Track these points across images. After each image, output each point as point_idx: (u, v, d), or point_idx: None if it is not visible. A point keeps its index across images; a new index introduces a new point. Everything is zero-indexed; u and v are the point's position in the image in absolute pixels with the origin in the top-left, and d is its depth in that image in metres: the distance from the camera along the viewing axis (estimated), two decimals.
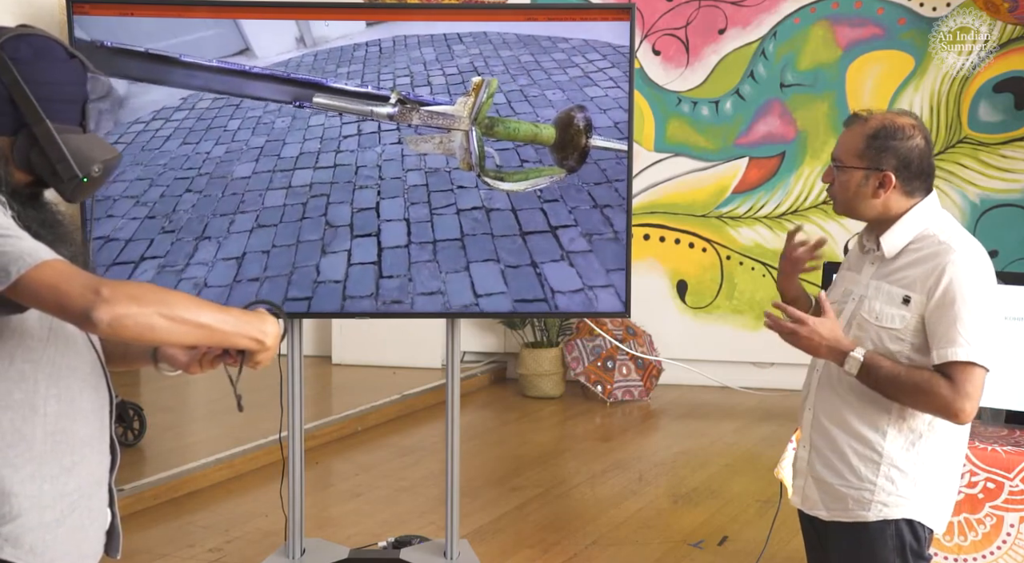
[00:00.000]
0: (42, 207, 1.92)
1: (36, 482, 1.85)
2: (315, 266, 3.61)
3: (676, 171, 7.64)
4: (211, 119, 3.56)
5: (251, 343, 1.83)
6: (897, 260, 2.56)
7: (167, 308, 1.72)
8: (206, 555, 4.53)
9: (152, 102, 3.53)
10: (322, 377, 7.79)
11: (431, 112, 3.52)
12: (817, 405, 2.64)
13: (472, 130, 3.49)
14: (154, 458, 5.69)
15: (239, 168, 3.57)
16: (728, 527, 4.85)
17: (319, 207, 3.62)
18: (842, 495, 2.58)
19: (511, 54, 3.71)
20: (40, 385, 1.85)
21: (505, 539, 4.73)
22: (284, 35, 3.65)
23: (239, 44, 3.59)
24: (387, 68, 3.67)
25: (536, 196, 3.68)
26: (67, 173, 1.88)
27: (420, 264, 3.66)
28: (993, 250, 7.06)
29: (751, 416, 6.90)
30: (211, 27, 3.60)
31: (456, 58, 3.70)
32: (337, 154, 3.64)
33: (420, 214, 3.66)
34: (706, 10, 7.51)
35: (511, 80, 3.70)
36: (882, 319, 2.53)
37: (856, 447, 2.56)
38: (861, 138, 2.54)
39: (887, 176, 2.52)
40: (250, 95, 3.51)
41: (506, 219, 3.67)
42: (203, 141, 3.55)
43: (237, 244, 3.56)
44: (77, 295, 1.68)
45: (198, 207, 3.55)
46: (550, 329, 7.55)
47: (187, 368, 2.05)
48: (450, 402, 3.94)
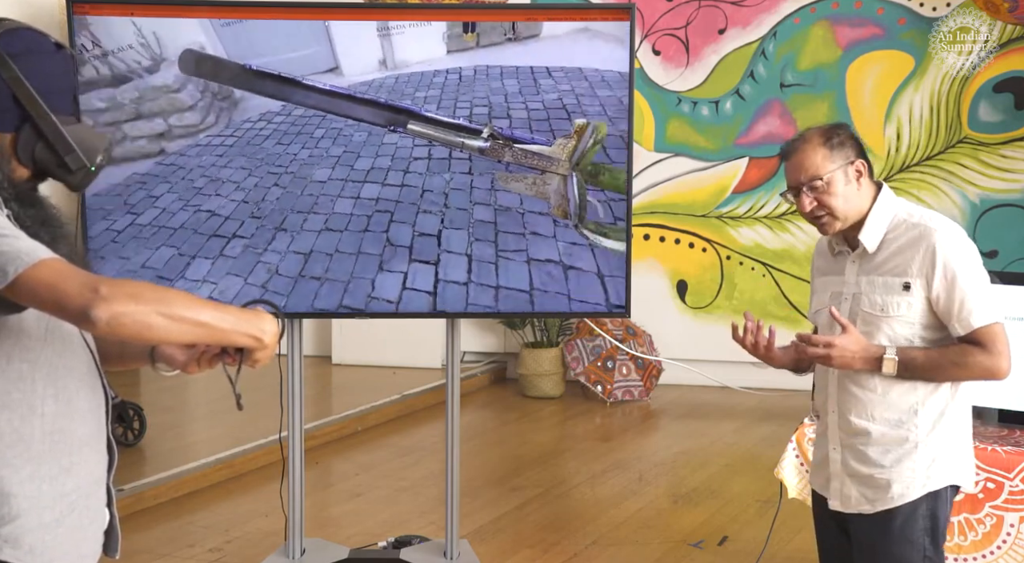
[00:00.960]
0: (40, 205, 1.91)
1: (35, 482, 1.84)
2: (371, 280, 3.72)
3: (676, 171, 7.64)
4: (302, 125, 3.77)
5: (250, 341, 1.82)
6: (880, 252, 2.66)
7: (165, 306, 1.71)
8: (206, 555, 4.53)
9: (259, 105, 3.79)
10: (322, 377, 7.80)
11: (525, 151, 3.41)
12: (841, 406, 2.71)
13: (572, 175, 3.33)
14: (154, 458, 5.69)
15: (317, 172, 3.76)
16: (728, 527, 4.85)
17: (382, 223, 3.73)
18: (885, 482, 2.65)
19: (611, 94, 3.65)
20: (38, 385, 1.85)
21: (505, 539, 4.73)
22: (368, 56, 3.79)
23: (330, 63, 3.79)
24: (465, 97, 3.72)
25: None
26: (76, 164, 1.89)
27: (478, 307, 3.70)
28: (993, 250, 7.06)
29: (751, 416, 6.90)
30: (310, 46, 3.83)
31: (543, 93, 3.69)
32: (405, 174, 3.73)
33: (485, 253, 3.68)
34: (706, 10, 7.51)
35: (609, 123, 3.64)
36: (888, 308, 2.62)
37: (891, 433, 2.64)
38: (817, 148, 2.63)
39: (860, 163, 2.64)
40: (352, 116, 3.72)
41: (590, 282, 3.63)
42: (292, 144, 3.78)
43: (307, 241, 3.74)
44: (75, 293, 1.67)
45: (281, 200, 3.76)
46: (550, 329, 7.55)
47: (185, 367, 2.04)
48: (450, 402, 3.94)
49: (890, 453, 2.64)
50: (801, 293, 7.39)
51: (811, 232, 7.41)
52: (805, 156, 2.63)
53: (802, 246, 7.43)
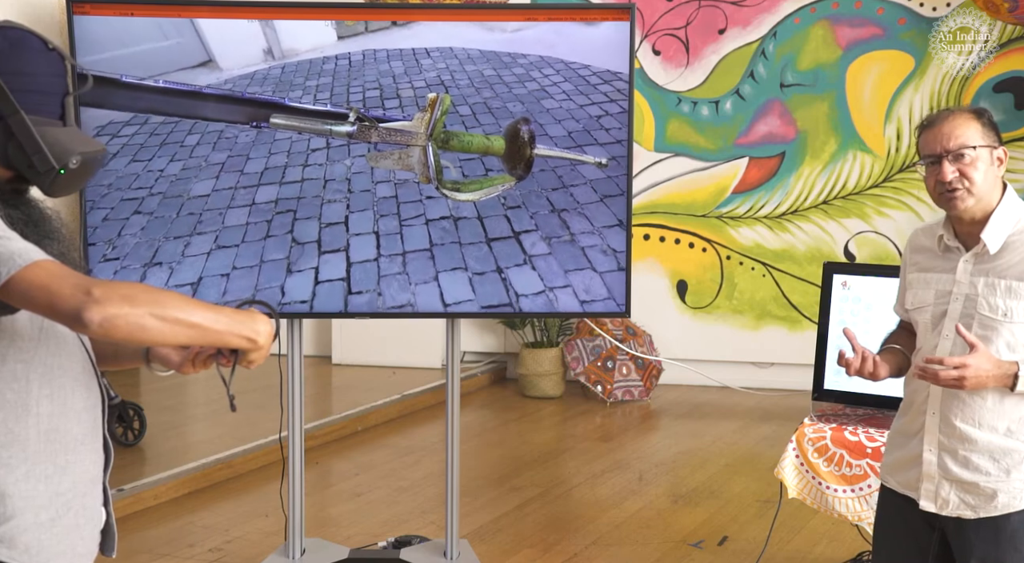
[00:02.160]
0: (27, 204, 1.89)
1: (31, 482, 1.84)
2: (280, 287, 3.53)
3: (676, 171, 7.64)
4: (166, 134, 3.41)
5: (244, 342, 1.82)
6: (1004, 254, 2.53)
7: (159, 308, 1.70)
8: (206, 555, 4.53)
9: (96, 117, 3.37)
10: (322, 377, 7.80)
11: (389, 129, 3.54)
12: (944, 408, 2.59)
13: (429, 145, 3.54)
14: (154, 458, 5.69)
15: (197, 186, 3.43)
16: (728, 527, 4.85)
17: (285, 224, 3.53)
18: (991, 491, 2.55)
19: (475, 68, 3.73)
20: (32, 385, 1.84)
21: (505, 539, 4.73)
22: (251, 46, 3.55)
23: (201, 55, 3.46)
24: (356, 81, 3.64)
25: (500, 203, 3.69)
26: (43, 165, 1.83)
27: (389, 277, 3.61)
28: None
29: (751, 416, 6.90)
30: (170, 37, 3.45)
31: (424, 72, 3.70)
32: (305, 168, 3.57)
33: (390, 226, 3.63)
34: (706, 10, 7.51)
35: (476, 93, 3.71)
36: (1012, 313, 2.51)
37: (1000, 442, 2.54)
38: (972, 119, 2.52)
39: (1004, 151, 2.53)
40: (202, 117, 3.39)
41: (473, 227, 3.67)
42: (156, 158, 3.38)
43: (192, 269, 3.43)
44: (68, 295, 1.66)
45: (147, 230, 3.40)
46: (550, 329, 7.55)
47: (180, 368, 2.04)
48: (450, 402, 3.94)
49: (998, 462, 2.54)
50: (801, 293, 7.39)
51: (811, 232, 7.42)
52: (957, 125, 2.51)
53: (802, 246, 7.44)
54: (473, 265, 3.64)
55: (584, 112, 3.72)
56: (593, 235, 3.74)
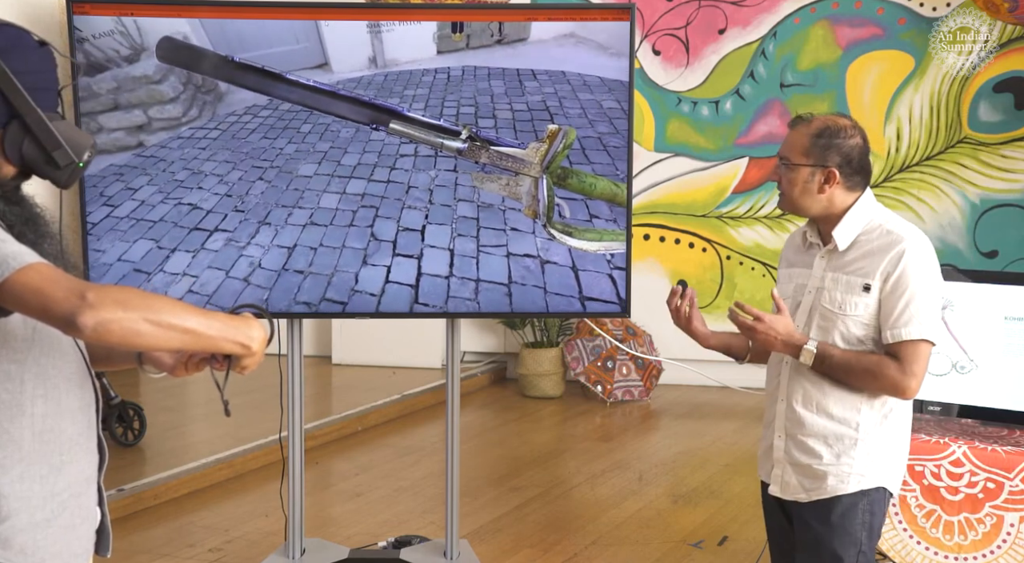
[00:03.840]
0: (23, 203, 1.89)
1: (25, 482, 1.84)
2: (355, 274, 3.73)
3: (676, 171, 7.64)
4: (288, 120, 3.77)
5: (237, 348, 1.82)
6: (850, 252, 2.71)
7: (153, 313, 1.70)
8: (206, 555, 4.53)
9: (245, 99, 3.78)
10: (322, 377, 7.80)
11: (500, 152, 3.53)
12: (790, 395, 2.77)
13: (543, 178, 3.46)
14: (154, 458, 5.69)
15: (303, 167, 3.77)
16: (728, 527, 4.85)
17: (367, 218, 3.75)
18: (822, 474, 2.71)
19: (591, 98, 3.73)
20: (27, 385, 1.84)
21: (505, 539, 4.73)
22: (358, 54, 3.80)
23: (319, 58, 3.78)
24: (452, 96, 3.76)
25: (607, 261, 3.70)
26: (64, 160, 1.88)
27: (459, 300, 3.72)
28: (993, 250, 7.07)
29: (751, 416, 6.89)
30: (300, 41, 3.81)
31: (528, 94, 3.75)
32: (392, 171, 3.75)
33: (467, 248, 3.72)
34: (706, 10, 7.51)
35: (588, 125, 3.70)
36: (846, 308, 2.68)
37: (833, 428, 2.71)
38: (806, 137, 2.71)
39: (831, 172, 2.69)
40: (335, 113, 3.73)
41: (563, 275, 3.70)
42: (279, 138, 3.78)
43: (291, 235, 3.74)
44: (62, 299, 1.66)
45: (265, 195, 3.77)
46: (550, 329, 7.55)
47: (173, 371, 2.04)
48: (450, 402, 3.94)
49: (831, 447, 2.70)
50: None
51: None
52: (793, 134, 2.74)
53: None
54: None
55: None
56: None
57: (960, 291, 3.55)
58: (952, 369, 3.60)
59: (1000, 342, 3.54)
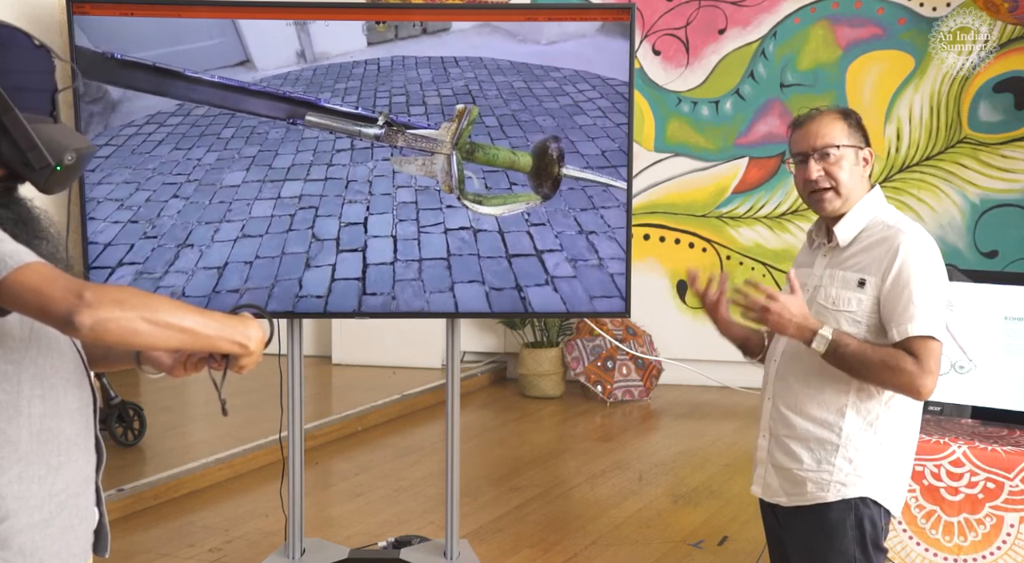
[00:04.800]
0: (17, 204, 1.88)
1: (23, 483, 1.84)
2: (298, 280, 3.60)
3: (676, 171, 7.64)
4: (205, 126, 3.55)
5: (234, 347, 1.82)
6: (849, 248, 2.63)
7: (150, 312, 1.70)
8: (206, 555, 4.53)
9: (148, 106, 3.53)
10: (322, 377, 7.80)
11: (415, 135, 3.60)
12: (776, 395, 2.72)
13: (453, 154, 3.58)
14: (154, 458, 5.69)
15: (229, 176, 3.56)
16: (728, 527, 4.85)
17: (307, 219, 3.62)
18: (801, 479, 2.64)
19: (505, 79, 3.76)
20: (24, 386, 1.84)
21: (505, 539, 4.73)
22: (285, 49, 3.64)
23: (240, 55, 3.59)
24: (384, 87, 3.70)
25: (523, 219, 3.70)
26: (39, 162, 1.83)
27: (404, 282, 3.65)
28: (993, 250, 7.06)
29: (751, 416, 6.86)
30: (214, 36, 3.57)
31: (452, 81, 3.75)
32: (329, 167, 3.64)
33: (408, 232, 3.66)
34: (706, 10, 7.51)
35: (504, 104, 3.73)
36: (839, 303, 2.59)
37: (815, 432, 2.62)
38: (839, 120, 2.65)
39: (869, 152, 2.64)
40: (247, 110, 3.54)
41: (493, 240, 3.68)
42: (195, 147, 3.52)
43: (219, 253, 3.54)
44: (59, 298, 1.66)
45: (183, 213, 3.53)
46: (550, 329, 7.56)
47: (171, 371, 2.04)
48: (450, 402, 3.94)
49: (812, 452, 2.61)
50: None
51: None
52: (823, 124, 2.62)
53: None
54: (491, 279, 3.66)
55: (620, 131, 3.72)
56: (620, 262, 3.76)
57: (960, 291, 3.55)
58: (952, 369, 3.60)
59: (1000, 342, 3.54)
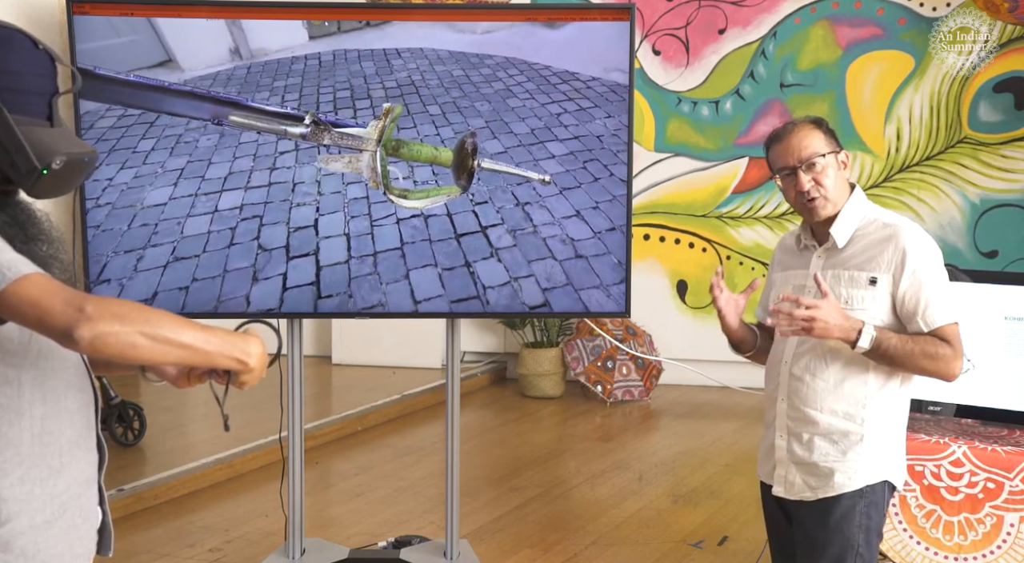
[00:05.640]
0: (14, 206, 1.87)
1: (26, 485, 1.84)
2: (245, 297, 3.39)
3: (676, 171, 7.65)
4: (115, 140, 3.25)
5: (234, 364, 1.81)
6: (848, 248, 2.70)
7: (150, 327, 1.69)
8: (206, 555, 4.53)
9: None
10: (322, 377, 7.80)
11: (342, 133, 3.59)
12: (791, 394, 2.75)
13: (377, 151, 3.61)
14: (154, 458, 5.69)
15: (152, 194, 3.27)
16: (728, 527, 4.85)
17: (251, 230, 3.40)
18: (828, 471, 2.70)
19: (444, 69, 3.77)
20: (24, 388, 1.83)
21: (505, 539, 4.73)
22: (216, 46, 3.45)
23: (159, 55, 3.32)
24: (327, 82, 3.62)
25: (468, 200, 3.72)
26: (25, 165, 1.79)
27: (360, 278, 3.55)
28: (993, 250, 7.07)
29: (751, 416, 6.89)
30: (124, 34, 3.30)
31: (395, 72, 3.71)
32: (272, 171, 3.47)
33: (361, 227, 3.59)
34: (706, 10, 7.51)
35: (445, 93, 3.74)
36: (852, 302, 2.66)
37: (839, 425, 2.69)
38: (814, 130, 2.71)
39: (846, 154, 2.73)
40: (167, 111, 3.28)
41: (442, 223, 3.68)
42: (104, 166, 3.23)
43: (145, 284, 3.27)
44: (60, 312, 1.65)
45: (94, 245, 3.25)
46: (550, 329, 7.55)
47: (175, 382, 2.04)
48: (450, 402, 3.94)
49: (837, 444, 2.69)
50: None
51: None
52: (803, 137, 2.69)
53: None
54: (442, 261, 3.64)
55: (545, 110, 3.75)
56: (554, 226, 3.74)
57: (960, 291, 3.55)
58: None
59: (1000, 342, 3.54)
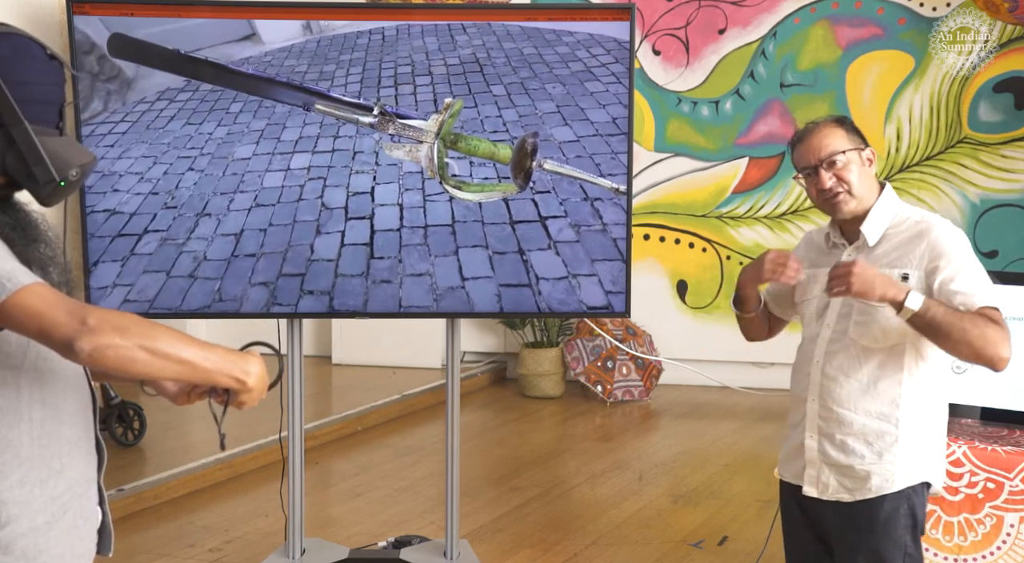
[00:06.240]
0: (13, 209, 1.88)
1: (25, 487, 1.84)
2: (309, 245, 3.71)
3: (676, 171, 7.64)
4: (214, 101, 3.64)
5: (232, 382, 1.81)
6: (880, 245, 2.69)
7: (150, 341, 1.70)
8: (206, 555, 4.53)
9: (157, 83, 3.63)
10: (322, 377, 7.80)
11: (404, 124, 3.75)
12: (822, 394, 2.72)
13: (436, 143, 3.73)
14: (154, 458, 5.69)
15: (240, 149, 3.67)
16: (728, 527, 4.85)
17: (316, 190, 3.72)
18: (864, 474, 2.67)
19: (514, 46, 3.78)
20: (23, 391, 1.83)
21: (505, 539, 4.73)
22: (291, 21, 3.73)
23: (245, 29, 3.65)
24: (389, 56, 3.75)
25: (529, 187, 3.75)
26: (44, 176, 1.83)
27: (410, 247, 3.73)
28: (993, 250, 7.06)
29: (751, 416, 6.90)
30: None
31: (459, 48, 3.77)
32: (335, 139, 3.72)
33: (413, 200, 3.75)
34: (706, 10, 7.51)
35: (512, 72, 3.76)
36: None
37: (873, 425, 2.66)
38: (836, 128, 2.71)
39: (871, 151, 2.72)
40: (268, 97, 3.68)
41: (498, 208, 3.74)
42: (206, 122, 3.64)
43: (236, 221, 3.66)
44: (62, 323, 1.66)
45: (199, 185, 3.66)
46: (550, 329, 7.55)
47: (175, 399, 2.04)
48: (450, 402, 3.94)
49: (871, 445, 2.66)
50: None
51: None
52: (823, 136, 2.69)
53: None
54: (494, 244, 3.73)
55: None
56: (621, 228, 3.78)
57: None
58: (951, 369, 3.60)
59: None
